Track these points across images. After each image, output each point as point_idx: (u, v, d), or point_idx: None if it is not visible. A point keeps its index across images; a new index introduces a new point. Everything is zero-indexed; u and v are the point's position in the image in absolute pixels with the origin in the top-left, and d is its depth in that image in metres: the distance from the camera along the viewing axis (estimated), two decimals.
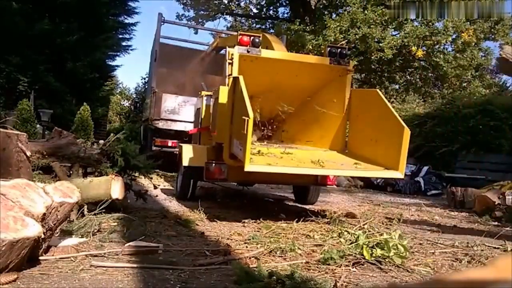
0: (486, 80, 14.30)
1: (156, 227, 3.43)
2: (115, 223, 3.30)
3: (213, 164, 4.45)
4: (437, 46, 12.40)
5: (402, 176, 3.83)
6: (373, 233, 3.30)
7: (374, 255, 2.60)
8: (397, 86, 15.97)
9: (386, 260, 2.60)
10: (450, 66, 12.31)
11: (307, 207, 5.33)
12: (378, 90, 4.59)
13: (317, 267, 2.48)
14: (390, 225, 4.24)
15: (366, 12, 11.84)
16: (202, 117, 5.68)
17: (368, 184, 9.16)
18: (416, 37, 11.81)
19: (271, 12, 18.02)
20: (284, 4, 17.43)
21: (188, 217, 3.96)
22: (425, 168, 9.22)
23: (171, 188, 6.42)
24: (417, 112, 12.37)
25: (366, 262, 2.58)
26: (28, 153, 3.18)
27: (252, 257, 2.62)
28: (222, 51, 8.42)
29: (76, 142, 4.31)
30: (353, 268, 2.49)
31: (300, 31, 13.13)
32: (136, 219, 3.44)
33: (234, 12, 18.80)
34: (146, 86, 15.97)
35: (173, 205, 4.84)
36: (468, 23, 12.05)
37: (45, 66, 10.34)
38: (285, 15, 17.32)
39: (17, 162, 3.04)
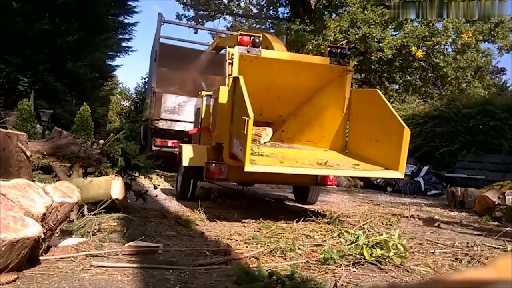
0: (486, 81, 14.29)
1: (156, 227, 3.43)
2: (115, 223, 3.30)
3: (213, 164, 4.45)
4: (437, 47, 12.39)
5: (402, 176, 3.83)
6: (373, 233, 3.31)
7: (374, 255, 2.60)
8: (397, 86, 15.97)
9: (386, 260, 2.61)
10: (450, 68, 12.31)
11: (307, 207, 5.33)
12: (378, 90, 4.59)
13: (317, 267, 2.48)
14: (390, 225, 4.24)
15: (366, 12, 11.83)
16: (202, 117, 5.68)
17: (368, 184, 9.16)
18: (416, 38, 11.80)
19: (271, 12, 18.02)
20: (284, 4, 17.43)
21: (188, 217, 3.96)
22: (425, 168, 9.22)
23: (171, 188, 6.42)
24: (417, 112, 12.37)
25: (366, 262, 2.58)
26: (28, 153, 3.18)
27: (252, 257, 2.62)
28: (222, 51, 8.41)
29: (76, 142, 4.31)
30: (353, 268, 2.49)
31: (300, 31, 13.12)
32: (136, 219, 3.44)
33: (234, 12, 18.79)
34: (146, 86, 15.97)
35: (173, 205, 4.83)
36: (468, 24, 12.04)
37: (45, 66, 10.33)
38: (285, 15, 17.31)
39: (17, 162, 3.04)
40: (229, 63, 4.30)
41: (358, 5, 12.11)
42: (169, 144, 9.27)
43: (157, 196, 5.36)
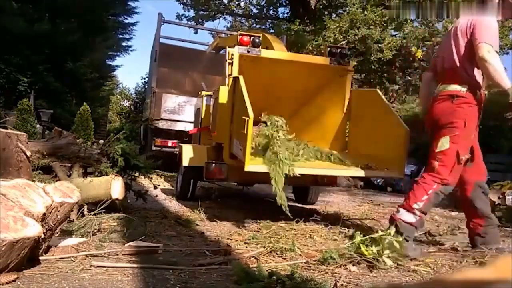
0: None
1: (156, 227, 3.43)
2: (115, 223, 3.30)
3: (213, 164, 4.45)
4: (436, 47, 12.37)
5: (402, 176, 3.84)
6: (373, 233, 3.30)
7: (372, 253, 2.60)
8: (397, 87, 15.94)
9: (383, 258, 2.60)
10: None
11: (307, 207, 5.33)
12: (377, 90, 4.60)
13: (317, 267, 2.48)
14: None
15: (366, 12, 11.82)
16: (202, 117, 5.68)
17: (368, 184, 9.16)
18: (415, 38, 11.78)
19: (271, 12, 18.00)
20: (284, 4, 17.42)
21: (188, 217, 3.96)
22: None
23: (171, 188, 6.42)
24: (417, 112, 12.36)
25: (365, 261, 2.58)
26: (28, 153, 3.18)
27: (252, 257, 2.62)
28: (222, 51, 8.42)
29: (76, 142, 4.31)
30: (353, 268, 2.49)
31: (300, 32, 13.11)
32: (136, 219, 3.44)
33: (234, 12, 18.78)
34: (146, 86, 15.97)
35: (173, 205, 4.83)
36: None
37: (45, 66, 10.34)
38: (285, 15, 17.29)
39: (17, 162, 3.04)
40: (229, 63, 4.30)
41: (358, 6, 12.10)
42: (169, 144, 9.27)
43: (157, 196, 5.36)
